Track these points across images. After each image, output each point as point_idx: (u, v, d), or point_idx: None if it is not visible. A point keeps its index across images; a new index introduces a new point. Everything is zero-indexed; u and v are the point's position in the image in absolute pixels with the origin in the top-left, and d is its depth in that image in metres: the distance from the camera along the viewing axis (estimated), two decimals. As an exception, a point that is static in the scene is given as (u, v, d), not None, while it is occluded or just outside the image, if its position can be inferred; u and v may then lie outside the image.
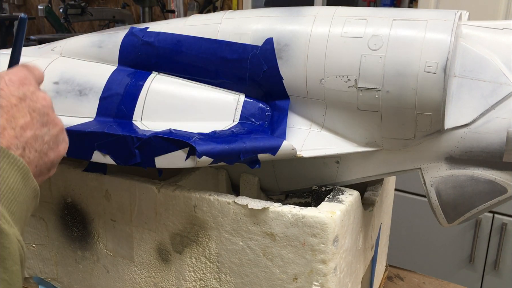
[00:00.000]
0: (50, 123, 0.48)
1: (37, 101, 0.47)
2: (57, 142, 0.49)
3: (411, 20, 0.63)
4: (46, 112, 0.48)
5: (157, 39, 0.75)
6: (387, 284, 0.96)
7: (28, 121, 0.46)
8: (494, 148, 0.61)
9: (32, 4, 3.43)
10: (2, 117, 0.44)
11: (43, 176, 0.48)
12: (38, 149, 0.46)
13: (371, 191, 0.79)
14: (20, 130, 0.45)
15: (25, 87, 0.47)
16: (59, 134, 0.49)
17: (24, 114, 0.45)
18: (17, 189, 0.42)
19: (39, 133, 0.46)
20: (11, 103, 0.45)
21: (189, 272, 0.72)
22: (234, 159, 0.64)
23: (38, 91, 0.48)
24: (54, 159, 0.48)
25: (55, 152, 0.48)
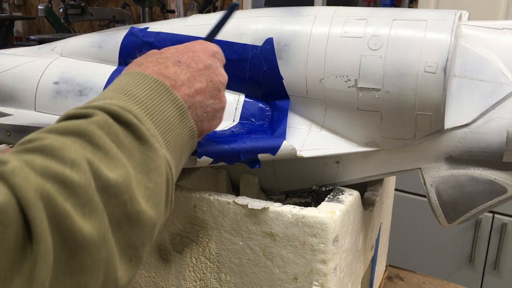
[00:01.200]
0: (218, 98, 0.53)
1: (217, 75, 0.53)
2: (214, 116, 0.53)
3: (411, 20, 0.63)
4: (219, 88, 0.53)
5: (157, 39, 0.75)
6: (387, 284, 0.96)
7: (203, 87, 0.51)
8: (494, 148, 0.61)
9: (32, 4, 3.43)
10: (186, 75, 0.49)
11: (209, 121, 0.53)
12: (199, 114, 0.50)
13: (371, 191, 0.79)
14: (194, 92, 0.50)
15: (213, 60, 0.53)
16: (219, 110, 0.54)
17: (202, 81, 0.51)
18: (173, 123, 0.45)
19: (206, 102, 0.51)
20: (198, 67, 0.51)
21: (189, 272, 0.72)
22: (234, 159, 0.64)
23: (221, 68, 0.54)
24: (205, 129, 0.53)
25: (209, 123, 0.53)
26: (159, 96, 0.45)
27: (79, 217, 0.32)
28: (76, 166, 0.33)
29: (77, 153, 0.34)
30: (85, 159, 0.34)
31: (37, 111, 0.80)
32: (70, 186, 0.32)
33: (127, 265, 0.37)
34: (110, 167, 0.35)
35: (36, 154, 0.33)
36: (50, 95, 0.79)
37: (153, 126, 0.42)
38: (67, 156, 0.33)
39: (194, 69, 0.51)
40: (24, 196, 0.29)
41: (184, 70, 0.50)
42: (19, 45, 2.43)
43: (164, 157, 0.42)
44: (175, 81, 0.48)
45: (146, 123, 0.41)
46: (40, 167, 0.32)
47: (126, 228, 0.36)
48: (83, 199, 0.32)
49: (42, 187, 0.31)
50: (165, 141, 0.43)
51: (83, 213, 0.32)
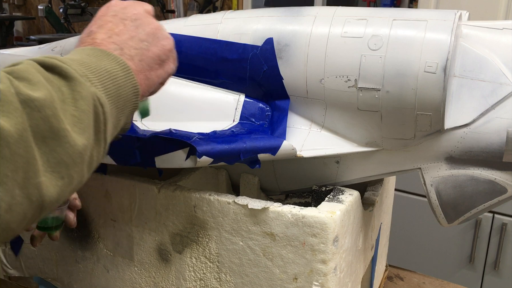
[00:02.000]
0: (143, 24, 0.55)
1: (127, 12, 0.55)
2: (156, 37, 0.55)
3: (411, 20, 0.63)
4: (137, 17, 0.55)
5: (157, 39, 0.75)
6: (387, 284, 0.96)
7: (122, 28, 0.54)
8: (494, 148, 0.61)
9: (32, 4, 3.43)
10: (101, 33, 0.52)
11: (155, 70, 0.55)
12: (136, 46, 0.53)
13: (371, 191, 0.79)
14: (116, 36, 0.53)
15: (114, 7, 0.56)
16: (155, 31, 0.55)
17: (117, 24, 0.54)
18: (115, 75, 0.48)
19: (134, 34, 0.54)
20: (106, 20, 0.54)
21: (189, 272, 0.72)
22: (234, 159, 0.64)
23: (129, 7, 0.56)
24: (160, 53, 0.55)
25: (157, 46, 0.55)
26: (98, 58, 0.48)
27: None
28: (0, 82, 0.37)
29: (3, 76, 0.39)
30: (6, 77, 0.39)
31: (37, 111, 0.80)
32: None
33: (58, 181, 0.40)
34: (32, 89, 0.39)
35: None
36: (50, 95, 0.79)
37: (88, 72, 0.45)
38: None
39: (104, 24, 0.54)
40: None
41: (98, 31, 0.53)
42: (19, 45, 2.43)
43: (93, 92, 0.44)
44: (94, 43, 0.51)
45: (75, 66, 0.44)
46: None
47: (53, 144, 0.39)
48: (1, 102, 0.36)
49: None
50: (102, 85, 0.46)
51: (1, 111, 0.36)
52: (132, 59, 0.52)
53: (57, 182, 0.40)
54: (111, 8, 0.56)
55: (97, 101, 0.44)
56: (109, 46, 0.51)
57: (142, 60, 0.53)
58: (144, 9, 0.56)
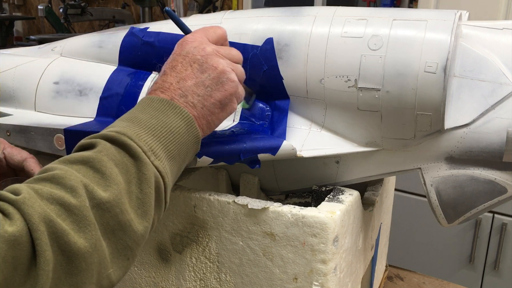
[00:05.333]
0: (209, 68, 0.57)
1: (197, 54, 0.57)
2: (220, 83, 0.57)
3: (411, 20, 0.63)
4: (204, 61, 0.57)
5: (157, 39, 0.75)
6: (387, 284, 0.96)
7: (189, 73, 0.56)
8: (494, 148, 0.61)
9: (32, 4, 3.43)
10: (171, 76, 0.56)
11: (216, 115, 0.57)
12: (200, 93, 0.56)
13: (371, 191, 0.79)
14: (182, 81, 0.55)
15: (189, 45, 0.58)
16: (219, 76, 0.57)
17: (186, 68, 0.56)
18: (178, 133, 0.52)
19: (199, 80, 0.56)
20: (178, 62, 0.57)
21: (189, 272, 0.72)
22: (234, 159, 0.64)
23: (201, 44, 0.58)
24: (222, 98, 0.57)
25: (220, 91, 0.57)
26: (162, 113, 0.52)
27: (74, 232, 0.41)
28: (74, 191, 0.43)
29: (76, 179, 0.43)
30: (82, 184, 0.43)
31: (37, 111, 0.80)
32: (68, 207, 0.42)
33: (124, 263, 0.46)
34: (104, 187, 0.45)
35: (45, 182, 0.43)
36: (50, 95, 0.79)
37: (154, 141, 0.50)
38: (67, 183, 0.43)
39: (176, 65, 0.56)
40: (30, 221, 0.39)
41: (169, 74, 0.56)
42: (19, 45, 2.43)
43: (154, 169, 0.49)
44: (164, 87, 0.55)
45: (142, 140, 0.49)
46: (46, 193, 0.42)
47: (120, 234, 0.45)
48: (78, 217, 0.42)
49: (45, 211, 0.40)
50: (167, 151, 0.51)
51: (78, 228, 0.42)
52: (195, 107, 0.55)
53: (123, 263, 0.46)
54: (185, 47, 0.58)
55: (159, 177, 0.50)
56: (175, 93, 0.55)
57: (204, 107, 0.56)
58: (212, 49, 0.58)
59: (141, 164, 0.48)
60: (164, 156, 0.50)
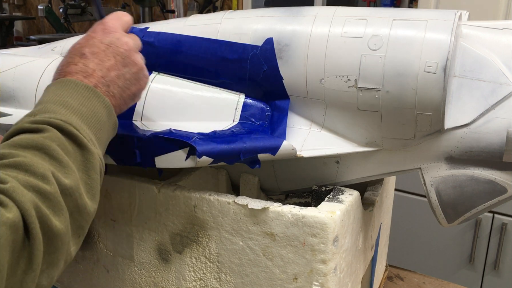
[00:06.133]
0: (131, 63, 0.61)
1: (120, 46, 0.60)
2: (137, 78, 0.61)
3: (411, 20, 0.63)
4: (127, 55, 0.60)
5: (157, 39, 0.75)
6: (387, 284, 0.96)
7: (113, 63, 0.59)
8: (494, 148, 0.61)
9: (32, 4, 3.43)
10: (94, 61, 0.58)
11: (127, 104, 0.62)
12: (120, 85, 0.59)
13: (371, 191, 0.79)
14: (106, 71, 0.58)
15: (112, 35, 0.60)
16: (138, 71, 0.61)
17: (109, 58, 0.59)
18: (103, 121, 0.56)
19: (121, 72, 0.59)
20: (100, 49, 0.59)
21: (189, 272, 0.72)
22: (234, 159, 0.64)
23: (123, 37, 0.61)
24: (136, 92, 0.62)
25: (136, 86, 0.62)
26: (89, 100, 0.55)
27: (53, 217, 0.46)
28: (45, 179, 0.46)
29: (43, 167, 0.47)
30: (50, 171, 0.47)
31: (37, 111, 0.80)
32: (45, 194, 0.45)
33: (77, 240, 0.51)
34: (64, 174, 0.49)
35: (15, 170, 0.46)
36: (50, 95, 0.79)
37: (88, 130, 0.54)
38: (38, 171, 0.46)
39: (98, 52, 0.59)
40: (23, 208, 0.43)
41: (91, 59, 0.58)
42: (19, 45, 2.43)
43: (98, 156, 0.53)
44: (87, 72, 0.57)
45: (83, 130, 0.53)
46: (23, 182, 0.45)
47: (77, 216, 0.50)
48: (53, 203, 0.46)
49: (33, 197, 0.44)
50: (98, 139, 0.55)
51: (54, 213, 0.46)
52: (114, 97, 0.59)
53: (77, 241, 0.51)
54: (107, 36, 0.61)
55: (101, 162, 0.54)
56: (99, 82, 0.57)
57: (121, 97, 0.60)
58: (133, 43, 0.62)
59: (87, 153, 0.52)
60: (97, 144, 0.55)
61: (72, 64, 0.58)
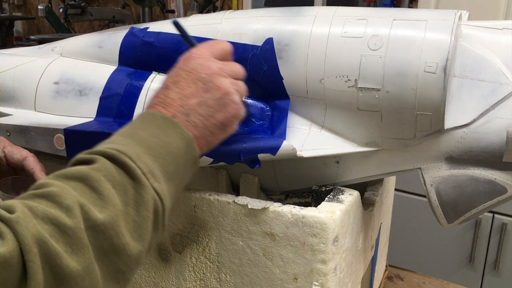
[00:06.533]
0: (213, 88, 0.56)
1: (202, 71, 0.56)
2: (223, 104, 0.56)
3: (411, 20, 0.63)
4: (209, 80, 0.56)
5: (157, 39, 0.75)
6: (387, 284, 0.96)
7: (193, 90, 0.55)
8: (494, 148, 0.61)
9: (32, 4, 3.43)
10: (174, 91, 0.55)
11: (216, 135, 0.56)
12: (202, 113, 0.55)
13: (371, 191, 0.79)
14: (185, 98, 0.54)
15: (194, 61, 0.56)
16: (223, 97, 0.56)
17: (190, 85, 0.55)
18: (177, 154, 0.51)
19: (203, 99, 0.55)
20: (181, 77, 0.56)
21: (189, 272, 0.72)
22: (234, 159, 0.64)
23: (206, 62, 0.57)
24: (223, 120, 0.56)
25: (222, 113, 0.56)
26: (163, 131, 0.51)
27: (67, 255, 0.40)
28: (69, 211, 0.41)
29: (72, 198, 0.42)
30: (78, 204, 0.42)
31: (37, 111, 0.80)
32: (63, 228, 0.40)
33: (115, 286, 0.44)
34: (100, 208, 0.43)
35: (40, 199, 0.42)
36: (50, 95, 0.79)
37: (153, 162, 0.49)
38: (63, 202, 0.41)
39: (179, 81, 0.55)
40: (23, 242, 0.38)
41: (172, 89, 0.55)
42: (19, 45, 2.43)
43: (153, 191, 0.48)
44: (166, 102, 0.54)
45: (141, 161, 0.48)
46: (41, 212, 0.40)
47: (113, 257, 0.43)
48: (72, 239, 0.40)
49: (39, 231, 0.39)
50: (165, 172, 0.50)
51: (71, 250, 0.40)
52: (196, 127, 0.54)
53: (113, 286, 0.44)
54: (189, 63, 0.57)
55: (158, 200, 0.48)
56: (177, 111, 0.54)
57: (205, 127, 0.55)
58: (217, 67, 0.57)
59: (139, 186, 0.47)
60: (162, 178, 0.49)
61: (155, 97, 0.55)
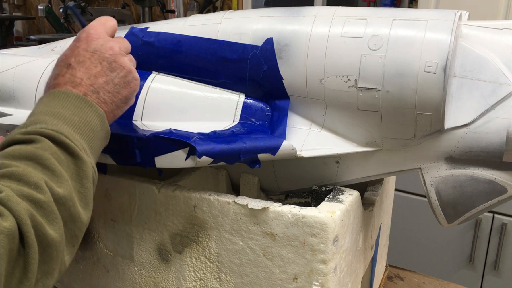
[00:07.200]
0: (118, 67, 0.60)
1: (105, 52, 0.60)
2: (127, 81, 0.61)
3: (411, 20, 0.63)
4: (113, 59, 0.60)
5: (157, 39, 0.75)
6: (387, 284, 0.96)
7: (99, 70, 0.59)
8: (494, 148, 0.61)
9: (32, 4, 3.43)
10: (80, 70, 0.58)
11: (121, 108, 0.62)
12: (110, 90, 0.59)
13: (371, 191, 0.79)
14: (94, 78, 0.58)
15: (95, 41, 0.60)
16: (126, 75, 0.61)
17: (96, 65, 0.59)
18: (96, 130, 0.56)
19: (109, 77, 0.59)
20: (85, 57, 0.59)
21: (189, 272, 0.72)
22: (234, 159, 0.64)
23: (107, 42, 0.61)
24: (128, 95, 0.62)
25: (127, 89, 0.61)
26: (81, 110, 0.56)
27: (47, 226, 0.46)
28: (39, 188, 0.46)
29: (36, 176, 0.47)
30: (43, 180, 0.47)
31: (37, 111, 0.80)
32: (39, 203, 0.46)
33: (71, 249, 0.51)
34: (58, 183, 0.49)
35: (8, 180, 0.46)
36: (50, 95, 0.79)
37: (81, 139, 0.54)
38: (31, 180, 0.46)
39: (84, 61, 0.59)
40: (19, 216, 0.43)
41: (77, 68, 0.58)
42: (19, 45, 2.43)
43: (91, 165, 0.54)
44: (75, 81, 0.57)
45: (75, 139, 0.53)
46: (17, 191, 0.45)
47: (71, 225, 0.50)
48: (47, 212, 0.46)
49: (27, 206, 0.44)
50: (91, 147, 0.55)
51: (48, 222, 0.46)
52: (106, 103, 0.59)
53: (71, 250, 0.51)
54: (91, 43, 0.61)
55: (94, 171, 0.54)
56: (88, 90, 0.57)
57: (113, 102, 0.60)
58: (118, 47, 0.61)
59: (80, 161, 0.52)
60: (90, 153, 0.55)
61: (59, 76, 0.58)
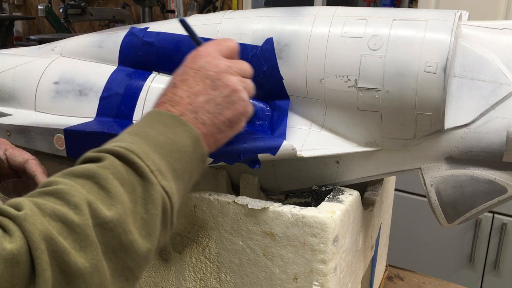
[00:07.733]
0: (221, 86, 0.56)
1: (210, 69, 0.56)
2: (231, 101, 0.56)
3: (411, 20, 0.63)
4: (217, 77, 0.56)
5: (157, 39, 0.75)
6: (387, 284, 0.96)
7: (201, 88, 0.55)
8: (494, 148, 0.61)
9: (32, 4, 3.43)
10: (182, 89, 0.55)
11: (224, 133, 0.57)
12: (211, 110, 0.55)
13: (371, 191, 0.79)
14: (194, 96, 0.54)
15: (202, 59, 0.57)
16: (231, 94, 0.56)
17: (198, 83, 0.55)
18: (185, 152, 0.51)
19: (210, 96, 0.55)
20: (189, 75, 0.56)
21: (189, 272, 0.72)
22: (234, 159, 0.64)
23: (214, 60, 0.57)
24: (231, 117, 0.56)
25: (231, 110, 0.56)
26: (171, 129, 0.51)
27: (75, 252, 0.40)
28: (77, 209, 0.41)
29: (80, 196, 0.42)
30: (86, 202, 0.42)
31: (37, 111, 0.80)
32: (71, 225, 0.40)
33: (123, 283, 0.44)
34: (109, 206, 0.43)
35: (48, 197, 0.42)
36: (50, 95, 0.79)
37: (160, 159, 0.48)
38: (71, 200, 0.42)
39: (188, 79, 0.56)
40: (31, 239, 0.38)
41: (180, 87, 0.55)
42: (19, 45, 2.43)
43: (163, 189, 0.48)
44: (174, 100, 0.54)
45: (149, 159, 0.48)
46: (49, 209, 0.40)
47: (122, 255, 0.43)
48: (80, 236, 0.41)
49: (47, 228, 0.39)
50: (173, 169, 0.50)
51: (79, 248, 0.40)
52: (204, 124, 0.54)
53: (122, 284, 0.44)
54: (197, 61, 0.57)
55: (166, 198, 0.48)
56: (186, 109, 0.54)
57: (213, 124, 0.55)
58: (225, 65, 0.57)
59: (148, 184, 0.46)
60: (170, 176, 0.49)
61: (163, 95, 0.56)
